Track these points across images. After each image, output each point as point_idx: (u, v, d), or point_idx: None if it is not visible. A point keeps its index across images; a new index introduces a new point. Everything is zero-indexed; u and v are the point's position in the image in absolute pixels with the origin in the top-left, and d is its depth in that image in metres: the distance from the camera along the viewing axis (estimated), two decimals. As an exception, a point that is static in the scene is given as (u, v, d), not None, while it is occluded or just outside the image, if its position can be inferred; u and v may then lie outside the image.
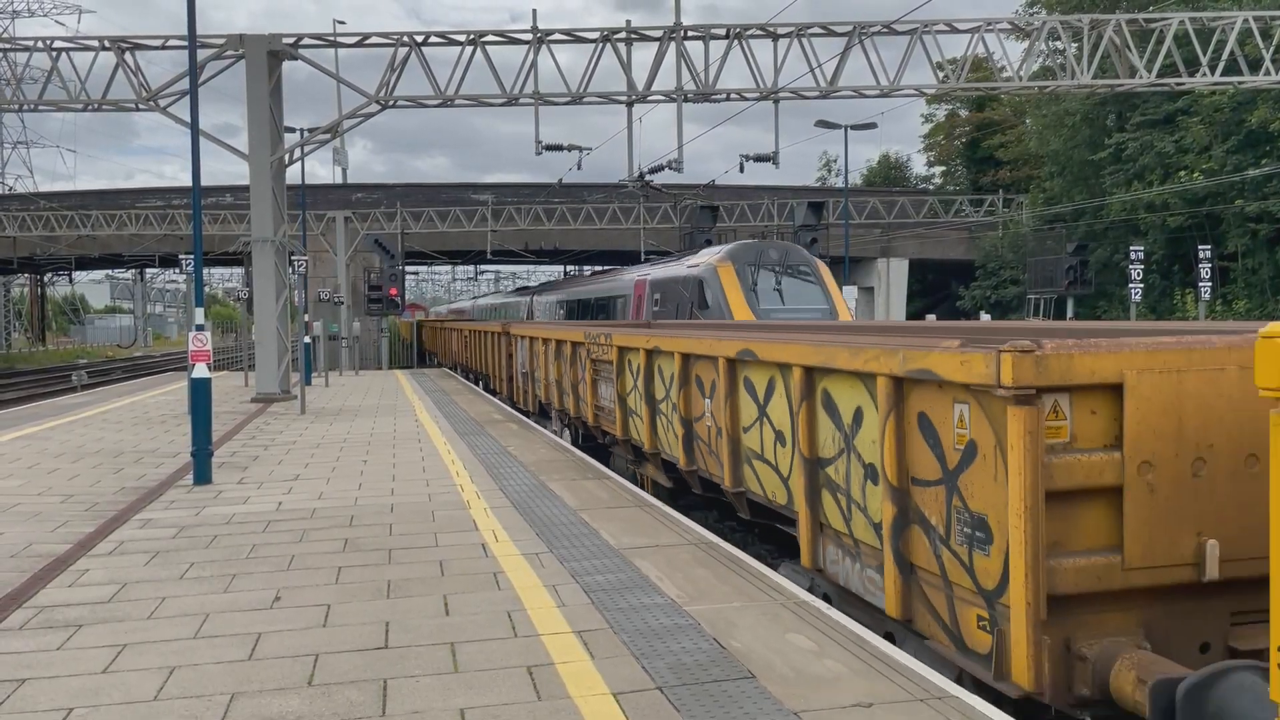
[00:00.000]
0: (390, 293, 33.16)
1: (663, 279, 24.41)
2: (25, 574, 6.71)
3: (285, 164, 21.71)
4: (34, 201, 51.59)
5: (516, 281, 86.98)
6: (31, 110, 22.76)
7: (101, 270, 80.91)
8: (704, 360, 8.14)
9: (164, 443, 13.66)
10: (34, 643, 5.31)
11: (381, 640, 5.22)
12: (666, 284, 23.89)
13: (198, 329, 10.93)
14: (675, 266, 24.37)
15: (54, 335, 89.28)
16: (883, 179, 70.94)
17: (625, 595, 5.91)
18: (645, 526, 7.80)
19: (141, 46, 21.18)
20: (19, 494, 9.74)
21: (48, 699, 4.52)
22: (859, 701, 4.26)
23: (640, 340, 9.90)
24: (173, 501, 9.31)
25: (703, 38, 21.16)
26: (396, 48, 21.02)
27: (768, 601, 5.72)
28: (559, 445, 12.66)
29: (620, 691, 4.43)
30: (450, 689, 4.53)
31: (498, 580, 6.32)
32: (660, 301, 23.97)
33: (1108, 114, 42.16)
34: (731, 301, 20.86)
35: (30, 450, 12.90)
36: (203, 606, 5.90)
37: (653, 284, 24.86)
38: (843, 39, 21.16)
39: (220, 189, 51.60)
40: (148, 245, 49.98)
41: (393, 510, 8.68)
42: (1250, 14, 22.70)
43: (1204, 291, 26.19)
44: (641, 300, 25.38)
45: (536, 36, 20.98)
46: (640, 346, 9.87)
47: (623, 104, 21.76)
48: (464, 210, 48.56)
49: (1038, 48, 24.80)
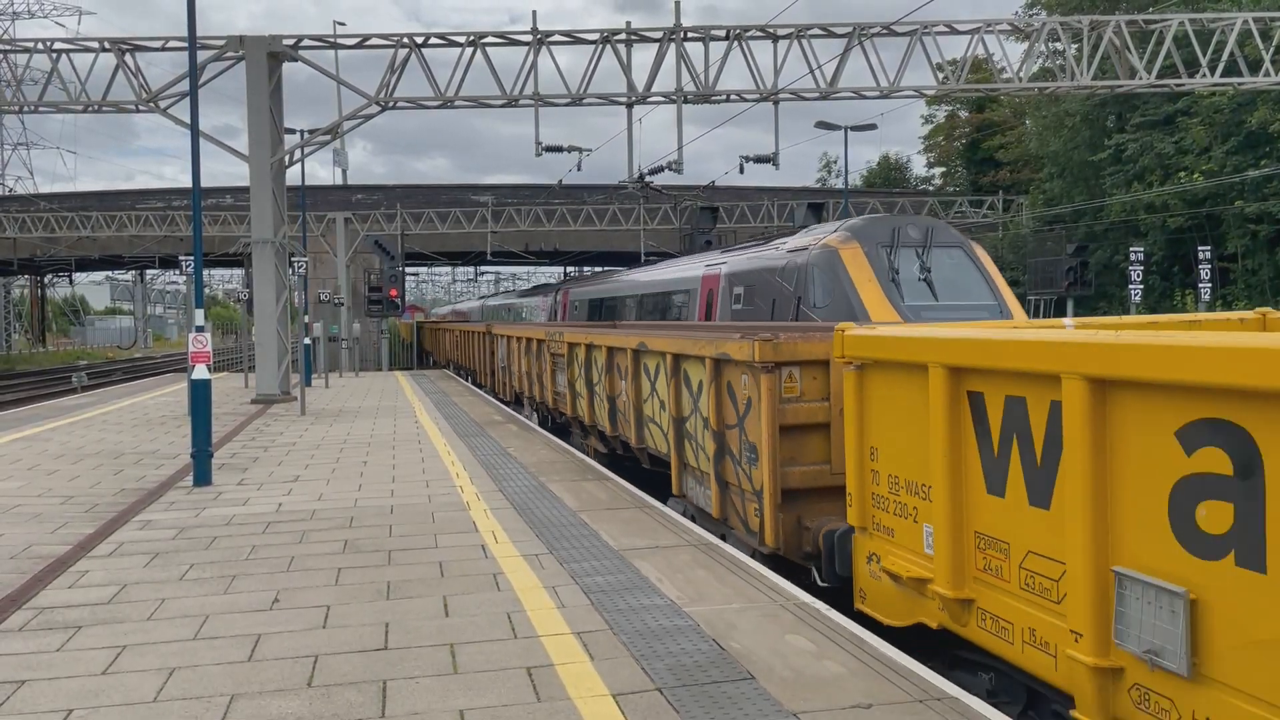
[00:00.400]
0: (390, 294, 33.17)
1: (746, 269, 19.32)
2: (25, 575, 6.72)
3: (285, 165, 21.72)
4: (34, 203, 51.60)
5: (517, 283, 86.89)
6: (32, 111, 22.77)
7: (102, 272, 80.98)
8: (620, 351, 10.70)
9: (164, 444, 13.66)
10: (34, 644, 5.31)
11: (381, 641, 5.22)
12: (753, 276, 18.88)
13: (198, 330, 10.93)
14: (762, 252, 19.31)
15: (54, 336, 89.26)
16: (883, 180, 70.95)
17: (625, 596, 5.91)
18: (645, 528, 7.80)
19: (142, 48, 21.19)
20: (19, 495, 9.74)
21: (48, 700, 4.52)
22: (858, 703, 4.26)
23: (581, 338, 12.66)
24: (173, 503, 9.31)
25: (702, 39, 21.17)
26: (396, 49, 21.03)
27: (767, 603, 5.72)
28: (559, 446, 12.66)
29: (620, 693, 4.44)
30: (450, 690, 4.53)
31: (497, 581, 6.32)
32: (745, 298, 18.97)
33: (1107, 115, 42.16)
34: (865, 295, 15.61)
35: (30, 452, 12.90)
36: (203, 608, 5.90)
37: (731, 276, 19.91)
38: (842, 40, 21.17)
39: (220, 190, 51.59)
40: (148, 246, 49.98)
41: (393, 511, 8.68)
42: (1250, 15, 22.70)
43: (1204, 292, 26.21)
44: (713, 297, 20.54)
45: (536, 38, 20.99)
46: (581, 342, 12.57)
47: (623, 105, 21.77)
48: (464, 211, 48.57)
49: (1037, 49, 24.82)
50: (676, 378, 8.74)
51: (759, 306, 18.35)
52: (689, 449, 8.61)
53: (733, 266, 20.09)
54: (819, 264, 16.33)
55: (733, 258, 20.54)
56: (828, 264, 16.15)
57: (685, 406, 8.64)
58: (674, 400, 8.77)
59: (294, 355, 21.92)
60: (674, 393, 8.76)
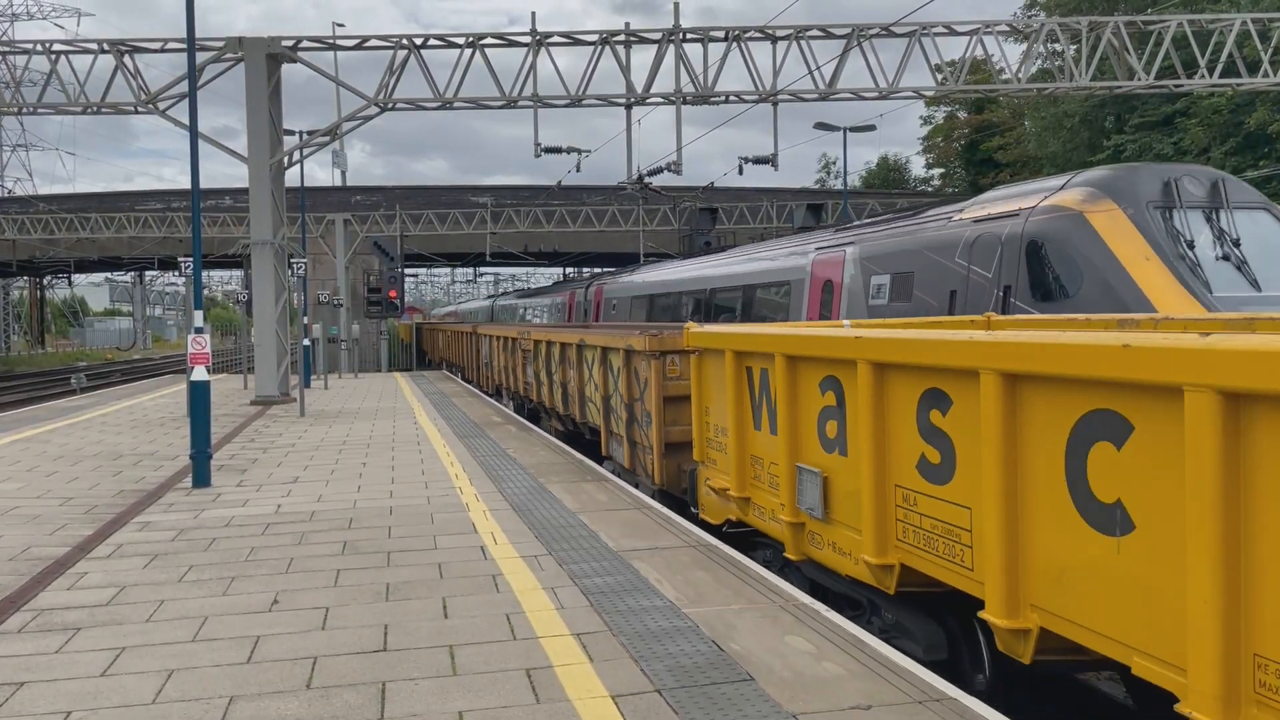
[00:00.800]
0: (390, 295, 33.17)
1: (896, 250, 13.96)
2: (24, 577, 6.71)
3: (284, 166, 21.72)
4: (33, 204, 51.57)
5: (516, 283, 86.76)
6: (31, 113, 22.74)
7: (101, 273, 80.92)
8: (569, 345, 13.58)
9: (163, 445, 13.65)
10: (33, 646, 5.31)
11: (380, 643, 5.22)
12: (909, 258, 13.56)
13: (197, 332, 10.93)
14: (919, 226, 13.92)
15: (53, 338, 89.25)
16: (882, 181, 70.95)
17: (624, 598, 5.91)
18: (644, 529, 7.80)
19: (140, 49, 21.18)
20: (18, 497, 9.74)
21: (47, 702, 4.52)
22: (858, 704, 4.26)
23: (543, 335, 15.76)
24: (172, 504, 9.31)
25: (701, 40, 21.17)
26: (395, 50, 21.03)
27: (767, 604, 5.72)
28: (558, 448, 12.66)
29: (619, 694, 4.43)
30: (449, 692, 4.53)
31: (497, 583, 6.32)
32: (896, 290, 13.70)
33: (1106, 116, 42.20)
34: (1145, 279, 10.39)
35: (29, 453, 12.90)
36: (201, 609, 5.90)
37: (868, 261, 14.54)
38: (841, 41, 21.16)
39: (219, 191, 51.58)
40: (147, 248, 49.96)
41: (392, 513, 8.68)
42: (1249, 16, 22.71)
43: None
44: (834, 290, 15.32)
45: (535, 39, 20.99)
46: (543, 339, 15.54)
47: (621, 106, 21.76)
48: (463, 213, 48.55)
49: (1036, 50, 24.79)
50: (604, 365, 11.52)
51: (923, 301, 13.05)
52: (612, 419, 11.35)
53: (869, 247, 14.69)
54: (1050, 236, 11.21)
55: (865, 234, 15.19)
56: (1067, 236, 11.03)
57: (609, 387, 11.37)
58: (602, 382, 11.66)
59: (293, 356, 21.91)
60: (602, 377, 11.65)
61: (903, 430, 5.00)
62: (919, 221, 14.23)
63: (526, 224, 48.33)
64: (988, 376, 4.19)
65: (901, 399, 5.01)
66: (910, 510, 4.97)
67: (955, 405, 4.59)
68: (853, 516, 5.50)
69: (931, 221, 13.81)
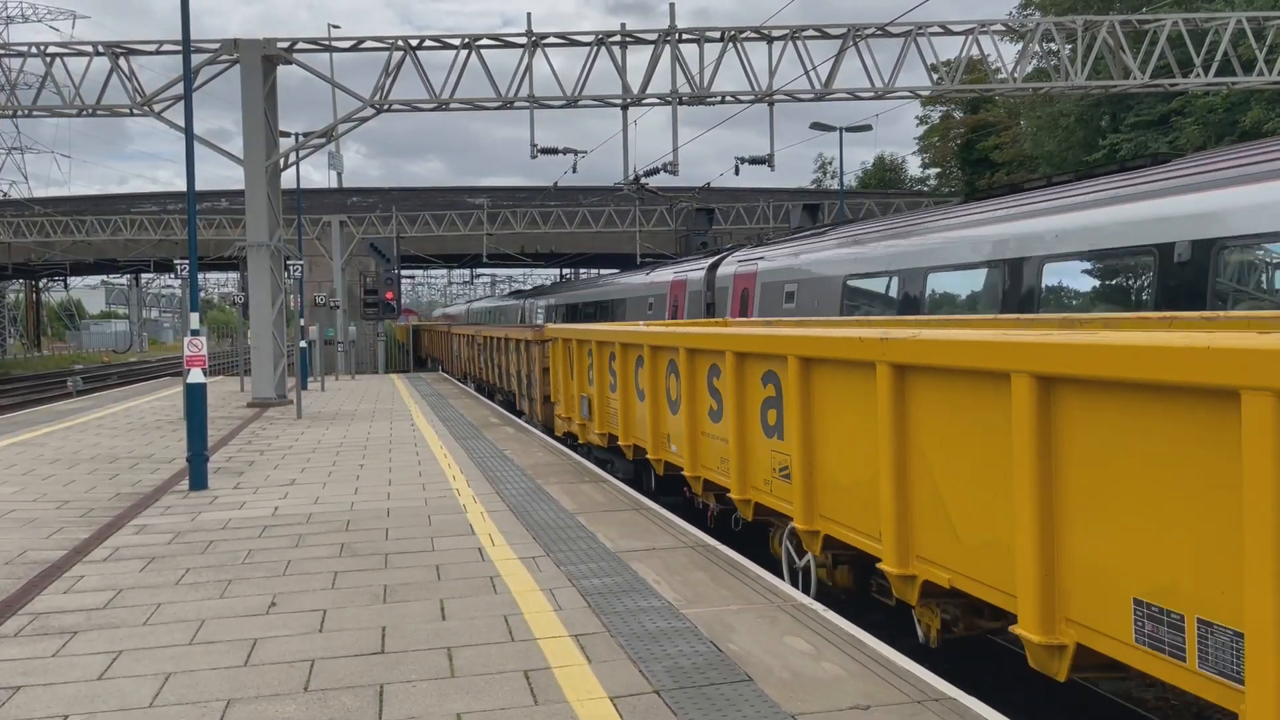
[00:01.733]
0: (386, 297, 33.12)
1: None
2: (20, 581, 6.69)
3: (280, 168, 21.68)
4: (28, 207, 51.51)
5: (513, 284, 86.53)
6: (26, 116, 22.71)
7: (97, 276, 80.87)
8: (500, 338, 20.25)
9: (160, 448, 13.63)
10: (29, 650, 5.29)
11: (378, 645, 5.20)
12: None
13: (193, 334, 10.91)
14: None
15: (50, 341, 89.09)
16: (878, 181, 70.96)
17: (622, 598, 5.91)
18: (642, 530, 7.80)
19: (136, 52, 21.15)
20: (14, 500, 9.71)
21: (43, 706, 4.50)
22: (857, 704, 4.26)
23: (488, 333, 22.42)
24: (168, 507, 9.29)
25: (697, 41, 21.16)
26: (391, 52, 21.00)
27: (765, 604, 5.72)
28: (556, 449, 12.66)
29: (617, 695, 4.43)
30: (446, 694, 4.52)
31: (494, 584, 6.31)
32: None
33: (1102, 115, 42.24)
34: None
35: (25, 456, 12.87)
36: (198, 612, 5.88)
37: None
38: (837, 41, 21.16)
39: (215, 194, 51.53)
40: (143, 250, 49.91)
41: (389, 515, 8.67)
42: (1243, 15, 22.74)
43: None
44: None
45: (531, 40, 20.97)
46: (488, 335, 22.15)
47: (618, 107, 21.74)
48: (459, 214, 48.52)
49: (1032, 49, 24.82)
50: (519, 351, 17.63)
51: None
52: (525, 387, 17.04)
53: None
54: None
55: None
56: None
57: (523, 367, 17.33)
58: (518, 365, 17.84)
59: (290, 358, 21.88)
60: (518, 359, 17.84)
61: (605, 372, 11.00)
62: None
63: (523, 225, 48.32)
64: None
65: (622, 359, 10.18)
66: (605, 408, 11.11)
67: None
68: (606, 421, 11.02)
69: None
